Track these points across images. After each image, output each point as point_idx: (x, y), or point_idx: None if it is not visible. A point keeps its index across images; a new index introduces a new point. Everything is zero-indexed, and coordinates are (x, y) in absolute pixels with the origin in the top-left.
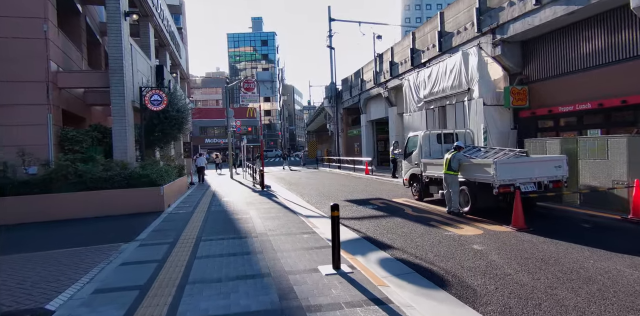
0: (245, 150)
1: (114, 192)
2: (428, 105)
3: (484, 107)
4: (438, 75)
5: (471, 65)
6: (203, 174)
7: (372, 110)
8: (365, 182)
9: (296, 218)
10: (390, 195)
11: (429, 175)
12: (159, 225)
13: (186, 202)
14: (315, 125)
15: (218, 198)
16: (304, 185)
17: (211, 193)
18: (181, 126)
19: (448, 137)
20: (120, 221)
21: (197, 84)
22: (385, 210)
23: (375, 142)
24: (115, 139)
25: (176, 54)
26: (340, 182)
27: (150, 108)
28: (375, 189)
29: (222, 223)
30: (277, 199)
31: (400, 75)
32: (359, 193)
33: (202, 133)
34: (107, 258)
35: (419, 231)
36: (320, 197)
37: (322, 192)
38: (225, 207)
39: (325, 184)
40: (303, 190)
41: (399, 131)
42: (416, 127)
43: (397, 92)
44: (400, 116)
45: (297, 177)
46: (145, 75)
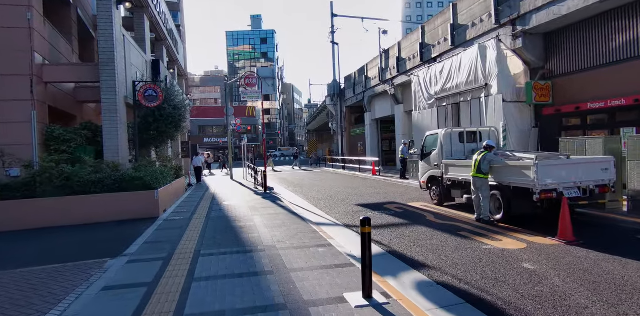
0: (245, 149)
1: (104, 196)
2: (440, 102)
3: (503, 103)
4: (451, 71)
5: (489, 59)
6: (201, 174)
7: (377, 109)
8: (373, 183)
9: (306, 227)
10: (405, 199)
11: (452, 178)
12: (153, 234)
13: (184, 206)
14: (317, 124)
15: (218, 202)
16: (308, 186)
17: (210, 196)
18: (178, 124)
19: (471, 135)
20: (110, 229)
21: (196, 83)
22: (404, 217)
23: (380, 142)
24: (106, 138)
25: (174, 50)
26: (347, 183)
27: (145, 104)
28: (387, 192)
29: (223, 233)
30: (282, 203)
31: (408, 72)
32: (370, 196)
33: (200, 133)
34: (87, 279)
35: (452, 243)
36: (329, 201)
37: (330, 195)
38: (226, 213)
39: (331, 186)
40: (309, 192)
41: (406, 130)
42: (426, 126)
43: (404, 89)
44: (408, 114)
45: (300, 178)
46: (139, 70)
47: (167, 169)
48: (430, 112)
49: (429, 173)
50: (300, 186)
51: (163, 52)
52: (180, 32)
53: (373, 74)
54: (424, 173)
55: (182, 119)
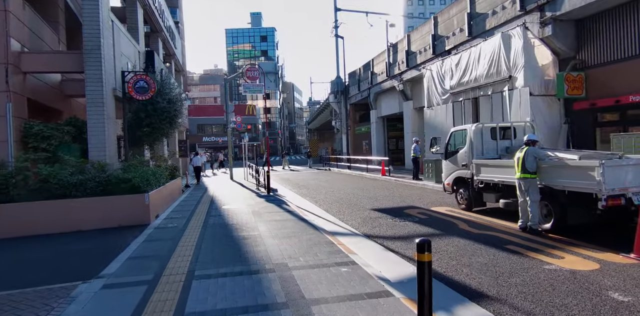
0: (246, 148)
1: (86, 200)
2: (455, 97)
3: (530, 97)
4: (469, 63)
5: (514, 49)
6: (200, 174)
7: (384, 106)
8: (384, 184)
9: (320, 237)
10: (425, 203)
11: (484, 180)
12: (140, 247)
13: (179, 210)
14: (318, 122)
15: (217, 206)
16: (314, 188)
17: (209, 198)
18: (173, 120)
19: (504, 131)
20: (91, 239)
21: (195, 81)
22: (432, 225)
23: (386, 140)
24: (91, 135)
25: (170, 43)
26: (356, 184)
27: (135, 97)
28: (402, 194)
29: (223, 245)
30: (288, 207)
31: (419, 66)
32: (385, 199)
33: (199, 131)
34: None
35: (504, 262)
36: (340, 205)
37: (340, 198)
38: (226, 219)
39: (339, 187)
40: (316, 194)
41: (415, 127)
42: (439, 123)
43: (414, 84)
44: (418, 111)
45: (303, 178)
46: (131, 60)
47: (161, 169)
48: (444, 108)
49: (455, 174)
50: (306, 187)
51: (159, 44)
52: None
53: (379, 70)
54: (449, 174)
55: (177, 114)
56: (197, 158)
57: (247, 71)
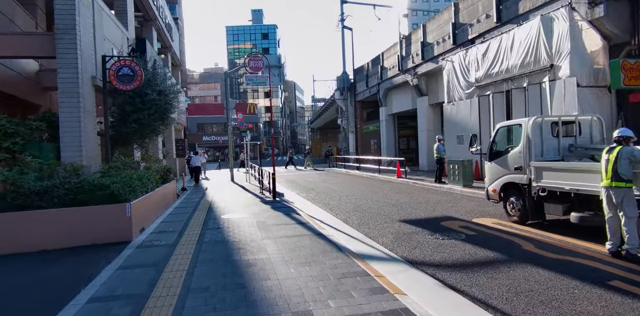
0: (248, 148)
1: (52, 213)
2: (482, 90)
3: (578, 88)
4: (499, 52)
5: (558, 34)
6: (199, 175)
7: (394, 102)
8: (403, 188)
9: (349, 264)
10: (462, 212)
11: (548, 187)
12: (110, 279)
13: (170, 221)
14: (322, 121)
15: (216, 215)
16: (325, 192)
17: (207, 204)
18: (165, 115)
19: (567, 127)
20: (50, 265)
21: (195, 79)
22: (488, 245)
23: (396, 139)
24: (64, 132)
25: (167, 35)
26: (370, 187)
27: (118, 87)
28: (429, 201)
29: (221, 277)
30: (299, 217)
31: (436, 58)
32: (412, 207)
33: (199, 131)
34: None
35: (628, 314)
36: (360, 214)
37: (358, 205)
38: (226, 234)
39: (353, 191)
40: (328, 200)
41: (430, 125)
42: (462, 119)
43: (430, 78)
44: (433, 107)
45: (311, 180)
46: (117, 46)
47: (151, 172)
48: (468, 103)
49: (504, 179)
50: (315, 191)
51: (153, 34)
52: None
53: (390, 64)
54: (495, 179)
55: (170, 108)
56: (196, 158)
57: (249, 61)
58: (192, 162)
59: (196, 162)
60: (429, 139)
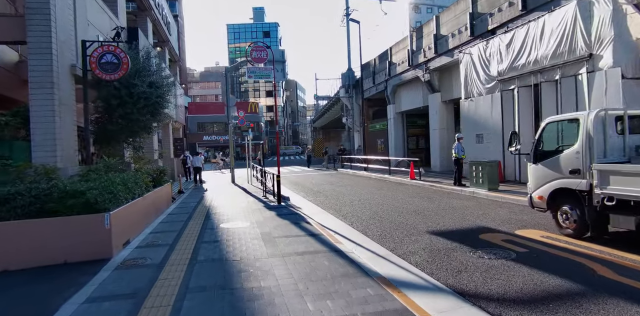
0: (249, 147)
1: (14, 225)
2: (505, 84)
3: (622, 81)
4: (526, 42)
5: (598, 20)
6: (200, 176)
7: (403, 100)
8: (420, 191)
9: (382, 295)
10: (499, 222)
11: (617, 195)
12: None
13: (161, 231)
14: (325, 120)
15: (213, 224)
16: (333, 195)
17: (204, 210)
18: (156, 109)
19: (634, 122)
20: (4, 293)
21: (196, 78)
22: (549, 269)
23: (405, 138)
24: (35, 129)
25: (164, 28)
26: (383, 190)
27: (100, 76)
28: (454, 207)
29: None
30: (310, 227)
31: (451, 51)
32: (438, 215)
33: (200, 130)
34: None
35: None
36: (380, 224)
37: (375, 212)
38: (224, 250)
39: (365, 195)
40: (339, 205)
41: (443, 123)
42: (482, 116)
43: (443, 73)
44: (446, 104)
45: (317, 182)
46: (104, 34)
47: (139, 175)
48: (488, 99)
49: (555, 184)
50: (323, 194)
51: (148, 25)
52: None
53: (399, 59)
54: (543, 184)
55: (162, 102)
56: (197, 159)
57: (252, 51)
58: (194, 162)
59: (197, 162)
60: (441, 138)
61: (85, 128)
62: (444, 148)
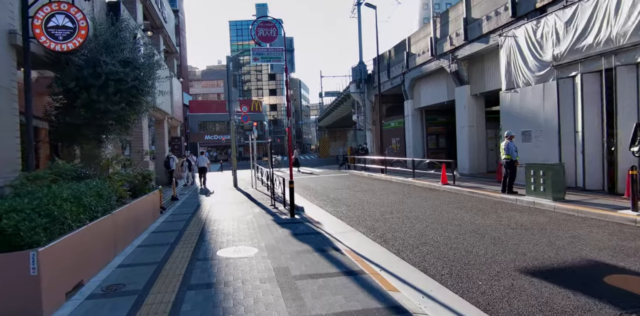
0: (254, 147)
1: None
2: (563, 71)
3: None
4: (595, 16)
5: None
6: (205, 177)
7: (424, 94)
8: (462, 201)
9: None
10: (611, 253)
11: None
12: None
13: (134, 264)
14: (331, 119)
15: (208, 251)
16: (358, 205)
17: (199, 226)
18: (135, 97)
19: None
20: None
21: (197, 76)
22: None
23: (425, 137)
24: None
25: (157, 12)
26: (415, 199)
27: (47, 45)
28: (525, 225)
29: None
30: (343, 259)
31: (486, 36)
32: (511, 238)
33: (201, 129)
34: None
35: None
36: (437, 253)
37: (423, 233)
38: (219, 308)
39: (397, 205)
40: (371, 220)
41: (473, 120)
42: (531, 110)
43: (474, 63)
44: (477, 98)
45: (330, 186)
46: None
47: (110, 184)
48: (539, 89)
49: None
50: (344, 203)
51: (136, 5)
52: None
53: (419, 49)
54: None
55: (142, 87)
56: (202, 158)
57: (258, 28)
58: (198, 162)
59: (202, 162)
60: (470, 137)
61: (28, 121)
62: (473, 148)
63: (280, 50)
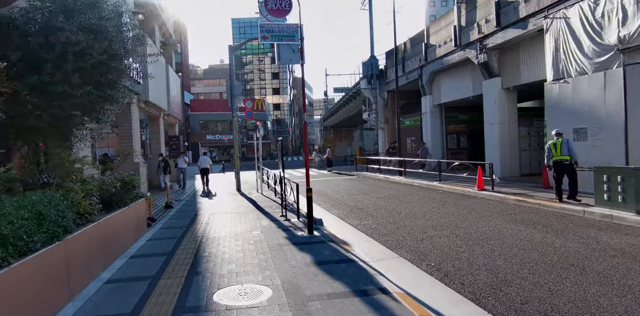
0: (261, 147)
1: None
2: (632, 56)
3: None
4: None
5: None
6: (207, 179)
7: (444, 89)
8: (511, 211)
9: None
10: None
11: None
12: None
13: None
14: (337, 118)
15: (201, 293)
16: (386, 217)
17: (193, 247)
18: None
19: None
20: None
21: (199, 75)
22: None
23: (444, 136)
24: None
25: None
26: (450, 208)
27: None
28: (626, 251)
29: None
30: (392, 305)
31: (524, 20)
32: (624, 275)
33: (202, 129)
34: None
35: None
36: (537, 303)
37: (493, 260)
38: None
39: (435, 218)
40: (412, 240)
41: (504, 116)
42: (586, 103)
43: (506, 53)
44: (508, 92)
45: (346, 191)
46: None
47: (68, 198)
48: (598, 78)
49: None
50: (369, 214)
51: None
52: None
53: (440, 39)
54: None
55: (114, 64)
56: (204, 159)
57: (266, 1)
58: (200, 163)
59: (204, 163)
60: (502, 135)
61: None
62: (505, 148)
63: (294, 27)
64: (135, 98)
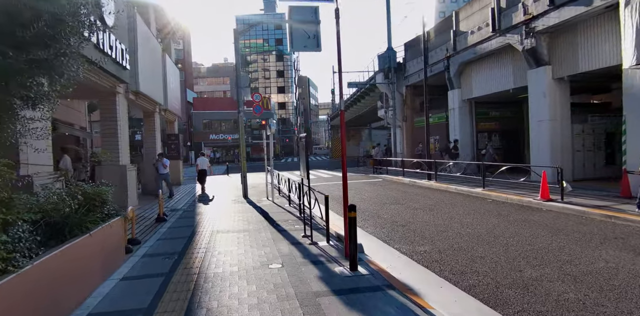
0: (271, 147)
1: None
2: None
3: None
4: None
5: None
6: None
7: (476, 82)
8: (606, 229)
9: None
10: None
11: None
12: None
13: None
14: (346, 117)
15: None
16: (439, 236)
17: (184, 296)
18: (45, 47)
19: None
20: None
21: (203, 73)
22: None
23: (474, 135)
24: None
25: None
26: (523, 227)
27: None
28: None
29: None
30: None
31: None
32: None
33: (205, 128)
34: None
35: None
36: None
37: None
38: None
39: (511, 242)
40: (508, 285)
41: (556, 111)
42: None
43: (558, 37)
44: (560, 83)
45: (374, 199)
46: None
47: None
48: None
49: None
50: (417, 233)
51: None
52: None
53: (473, 25)
54: None
55: (68, 29)
56: (202, 160)
57: None
58: (200, 165)
59: (203, 164)
60: (553, 134)
61: None
62: (556, 149)
63: None
64: (123, 88)
